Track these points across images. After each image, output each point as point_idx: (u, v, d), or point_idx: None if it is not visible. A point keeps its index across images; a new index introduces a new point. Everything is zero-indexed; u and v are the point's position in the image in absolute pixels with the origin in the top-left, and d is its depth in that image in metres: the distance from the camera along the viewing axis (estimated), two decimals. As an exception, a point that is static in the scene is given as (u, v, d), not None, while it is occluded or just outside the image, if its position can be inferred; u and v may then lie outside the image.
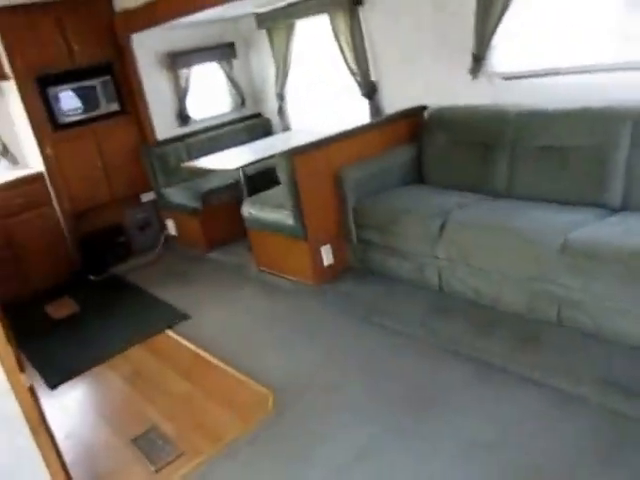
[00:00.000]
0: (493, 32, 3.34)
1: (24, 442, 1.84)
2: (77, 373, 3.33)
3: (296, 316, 3.46)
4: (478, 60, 3.49)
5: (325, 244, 3.60)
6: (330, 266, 3.64)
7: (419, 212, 3.24)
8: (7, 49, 4.21)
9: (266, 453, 2.37)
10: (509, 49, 3.45)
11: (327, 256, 3.62)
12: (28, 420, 1.85)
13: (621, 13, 2.99)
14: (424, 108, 3.92)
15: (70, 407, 3.08)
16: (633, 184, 2.78)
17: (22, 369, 2.03)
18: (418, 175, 3.80)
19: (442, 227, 3.07)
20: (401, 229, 3.29)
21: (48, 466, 1.91)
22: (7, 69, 4.28)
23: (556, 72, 3.23)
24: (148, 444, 2.57)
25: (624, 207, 2.81)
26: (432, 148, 3.71)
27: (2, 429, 1.79)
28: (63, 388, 3.24)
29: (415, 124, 3.89)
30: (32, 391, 1.96)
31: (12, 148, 4.73)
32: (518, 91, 3.42)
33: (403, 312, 3.15)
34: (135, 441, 2.60)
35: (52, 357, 3.59)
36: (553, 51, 3.25)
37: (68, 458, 2.59)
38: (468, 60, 3.53)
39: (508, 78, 3.48)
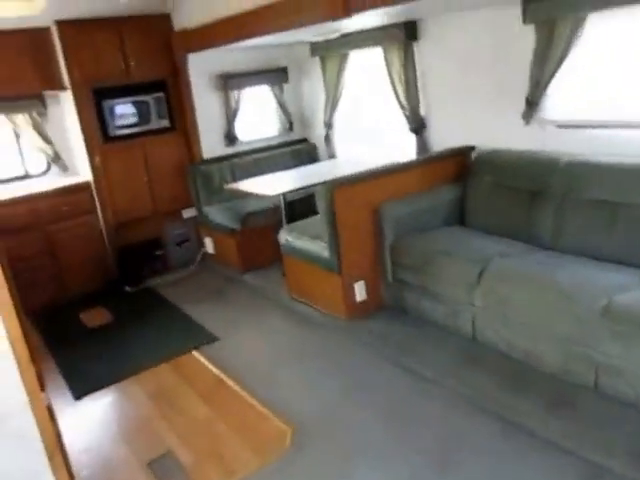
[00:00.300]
0: (549, 80, 3.29)
1: (38, 462, 1.88)
2: (103, 386, 3.39)
3: (324, 350, 3.44)
4: (532, 105, 3.44)
5: (359, 280, 3.57)
6: (363, 302, 3.61)
7: (458, 256, 3.18)
8: (67, 61, 4.40)
9: (278, 493, 2.35)
10: (564, 97, 3.39)
11: (360, 292, 3.59)
12: (44, 440, 1.89)
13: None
14: (472, 148, 3.89)
15: (92, 420, 3.12)
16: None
17: (42, 387, 2.08)
18: (460, 216, 3.75)
19: (481, 274, 3.00)
20: (438, 272, 3.24)
21: (61, 486, 1.94)
22: (65, 80, 4.47)
23: (612, 125, 3.15)
24: (162, 469, 2.58)
25: (678, 271, 2.69)
26: (477, 190, 3.66)
27: (17, 448, 1.83)
28: (87, 399, 3.30)
29: (461, 164, 3.85)
30: (50, 410, 2.00)
31: (63, 155, 4.93)
32: (570, 140, 3.35)
33: (434, 357, 3.09)
34: (150, 465, 2.62)
35: (81, 367, 3.66)
36: (610, 103, 3.18)
37: (84, 473, 2.64)
38: (521, 105, 3.49)
39: (561, 126, 3.41)
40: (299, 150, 5.40)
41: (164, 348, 3.73)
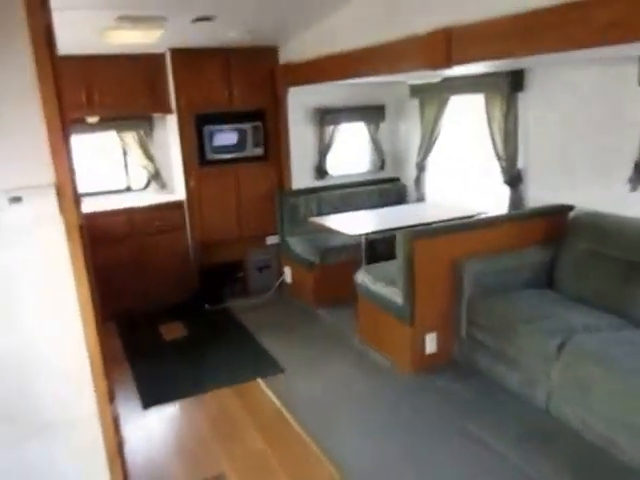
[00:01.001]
0: (661, 146, 3.15)
1: (99, 469, 2.04)
2: (170, 399, 3.58)
3: (387, 402, 3.41)
4: None
5: (431, 332, 3.54)
6: (432, 355, 3.57)
7: (539, 324, 3.07)
8: (176, 87, 4.77)
9: None
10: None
11: (431, 345, 3.55)
12: (106, 449, 2.05)
13: None
14: (570, 208, 3.76)
15: (154, 431, 3.30)
16: None
17: (112, 398, 2.25)
18: (548, 279, 3.62)
19: (561, 347, 2.88)
20: (516, 338, 3.13)
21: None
22: (172, 104, 4.84)
23: None
24: (211, 494, 2.69)
25: None
26: (570, 254, 3.52)
27: (82, 454, 2.00)
28: (154, 410, 3.49)
29: (555, 224, 3.73)
30: (116, 421, 2.16)
31: (163, 174, 5.31)
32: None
33: (501, 427, 2.98)
34: (200, 486, 2.74)
35: (153, 377, 3.89)
36: None
37: (137, 481, 2.79)
38: (629, 169, 3.34)
39: (671, 196, 3.24)
40: (388, 190, 5.44)
41: (231, 371, 3.88)
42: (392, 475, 2.75)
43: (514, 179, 4.19)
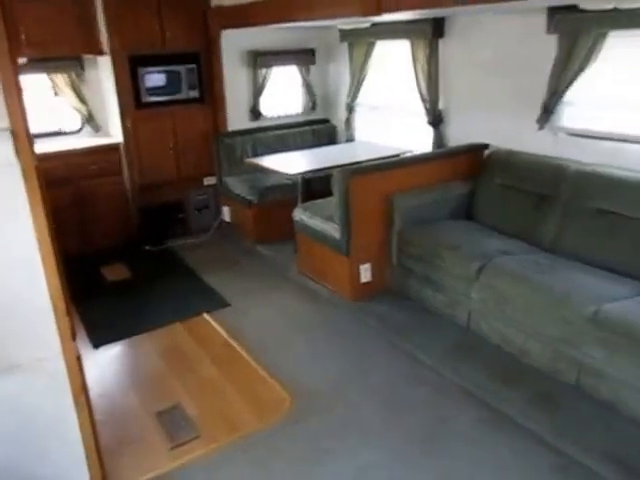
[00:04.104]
0: (566, 89, 3.31)
1: (66, 402, 2.02)
2: (119, 338, 3.52)
3: (328, 327, 3.54)
4: (547, 112, 3.45)
5: (366, 262, 3.65)
6: (367, 284, 3.70)
7: (462, 250, 3.25)
8: (108, 27, 4.43)
9: (274, 455, 2.47)
10: (579, 108, 3.40)
11: (365, 274, 3.67)
12: (72, 384, 2.02)
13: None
14: (486, 147, 3.91)
15: (107, 368, 3.26)
16: (679, 266, 2.72)
17: (74, 336, 2.20)
18: (468, 211, 3.79)
19: (480, 270, 3.08)
20: (441, 263, 3.31)
21: (82, 428, 2.08)
22: (105, 46, 4.51)
23: (622, 139, 3.16)
24: (170, 420, 2.71)
25: (665, 287, 2.75)
26: (487, 188, 3.70)
27: (50, 388, 1.97)
28: (104, 349, 3.43)
29: (474, 161, 3.88)
30: (79, 360, 2.12)
31: (97, 116, 4.99)
32: (581, 149, 3.37)
33: (430, 344, 3.18)
34: (159, 415, 2.75)
35: (100, 317, 3.80)
36: (623, 118, 3.19)
37: (98, 418, 2.78)
38: (537, 110, 3.50)
39: (573, 134, 3.43)
40: (320, 130, 5.42)
41: (178, 308, 3.84)
42: (337, 390, 2.90)
43: (436, 120, 4.28)
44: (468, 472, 2.31)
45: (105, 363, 3.31)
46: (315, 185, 4.42)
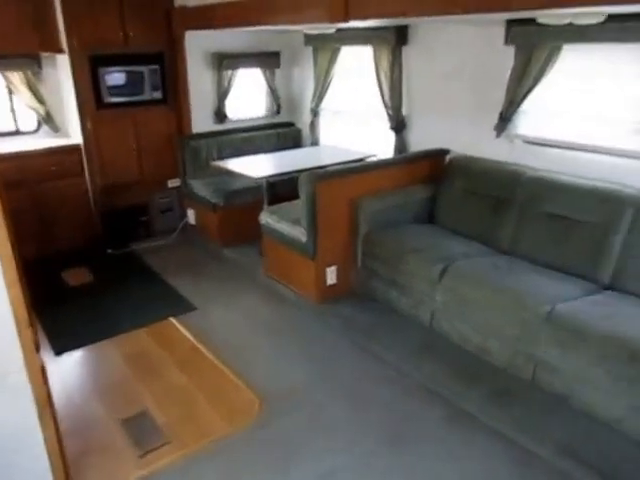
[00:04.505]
0: (523, 98, 3.42)
1: (30, 417, 1.96)
2: (82, 344, 3.43)
3: (295, 330, 3.56)
4: (504, 120, 3.57)
5: (331, 265, 3.69)
6: (333, 286, 3.73)
7: (425, 254, 3.32)
8: (66, 25, 4.29)
9: (243, 459, 2.47)
10: (535, 117, 3.53)
11: (331, 276, 3.70)
12: (36, 397, 1.97)
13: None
14: (447, 152, 4.00)
15: (70, 376, 3.18)
16: (623, 267, 2.88)
17: (38, 348, 2.14)
18: (430, 215, 3.88)
19: (443, 272, 3.16)
20: (405, 266, 3.37)
21: (47, 442, 2.03)
22: (63, 44, 4.37)
23: (574, 147, 3.30)
24: (137, 427, 2.67)
25: (611, 286, 2.92)
26: (448, 192, 3.79)
27: (13, 403, 1.91)
28: (67, 356, 3.34)
29: (435, 166, 3.97)
30: (43, 372, 2.07)
31: (55, 116, 4.85)
32: (535, 156, 3.50)
33: (395, 344, 3.24)
34: (126, 422, 2.71)
35: (62, 323, 3.69)
36: (575, 127, 3.33)
37: (63, 426, 2.71)
38: (495, 118, 3.61)
39: (528, 142, 3.56)
40: (284, 133, 5.41)
41: (142, 313, 3.78)
42: (305, 393, 2.92)
43: (399, 125, 4.35)
44: (435, 471, 2.37)
45: (68, 370, 3.23)
46: (281, 188, 4.43)
